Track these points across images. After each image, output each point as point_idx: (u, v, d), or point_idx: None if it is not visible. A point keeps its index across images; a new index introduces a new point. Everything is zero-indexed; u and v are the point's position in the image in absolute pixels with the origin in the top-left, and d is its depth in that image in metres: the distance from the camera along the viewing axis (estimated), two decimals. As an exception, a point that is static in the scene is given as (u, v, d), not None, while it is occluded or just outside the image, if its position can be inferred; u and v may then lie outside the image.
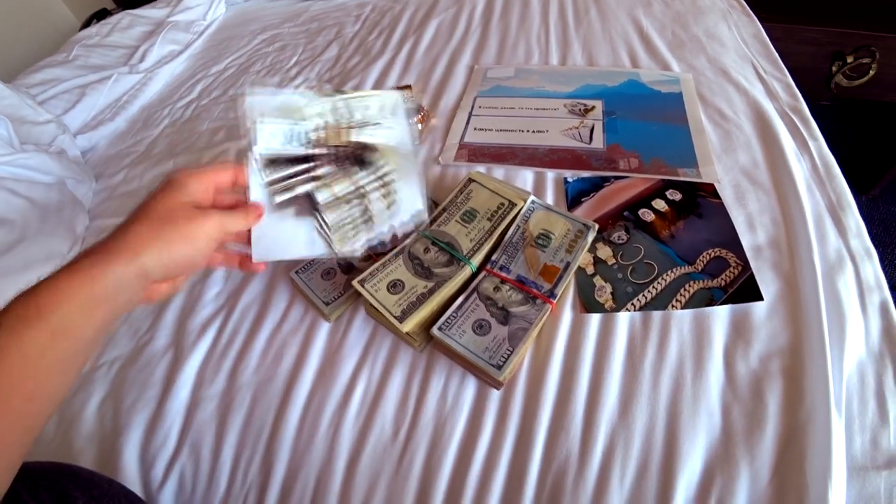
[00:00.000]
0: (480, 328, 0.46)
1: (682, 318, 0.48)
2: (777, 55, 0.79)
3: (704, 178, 0.60)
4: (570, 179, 0.63)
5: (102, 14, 1.44)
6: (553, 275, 0.50)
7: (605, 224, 0.57)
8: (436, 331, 0.46)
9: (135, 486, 0.47)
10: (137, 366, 0.55)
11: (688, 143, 0.65)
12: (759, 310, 0.47)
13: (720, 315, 0.48)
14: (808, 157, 0.61)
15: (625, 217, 0.58)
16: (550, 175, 0.65)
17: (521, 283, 0.50)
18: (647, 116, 0.70)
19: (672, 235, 0.55)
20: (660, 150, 0.65)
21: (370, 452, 0.45)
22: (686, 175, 0.61)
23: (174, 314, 0.59)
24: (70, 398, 0.53)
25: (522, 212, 0.56)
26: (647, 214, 0.58)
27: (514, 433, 0.44)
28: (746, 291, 0.49)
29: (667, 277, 0.51)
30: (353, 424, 0.47)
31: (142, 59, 1.05)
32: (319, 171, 0.47)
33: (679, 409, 0.43)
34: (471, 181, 0.58)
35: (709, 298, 0.49)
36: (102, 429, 0.52)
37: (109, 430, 0.51)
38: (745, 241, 0.53)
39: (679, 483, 0.39)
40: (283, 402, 0.49)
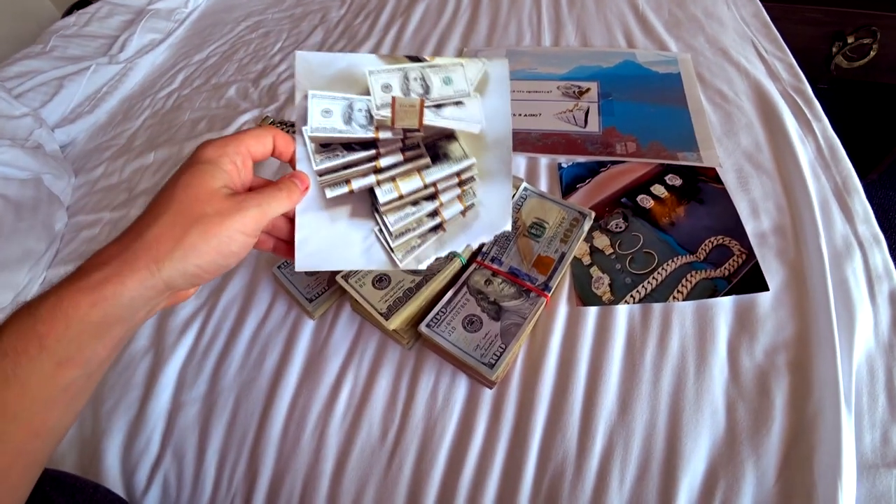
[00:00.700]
0: (471, 324, 0.44)
1: (684, 311, 0.46)
2: (778, 34, 0.77)
3: (705, 162, 0.58)
4: (565, 165, 0.61)
5: (82, 4, 1.39)
6: (547, 266, 0.48)
7: (602, 212, 0.55)
8: (424, 328, 0.44)
9: (118, 492, 0.45)
10: (117, 368, 0.53)
11: (687, 126, 0.63)
12: (764, 300, 0.46)
13: (723, 307, 0.46)
14: (813, 139, 0.59)
15: (622, 204, 0.56)
16: (544, 161, 0.62)
17: (514, 276, 0.48)
18: (645, 98, 0.68)
19: (672, 223, 0.53)
20: (658, 134, 0.62)
21: (358, 455, 0.44)
22: (686, 159, 0.59)
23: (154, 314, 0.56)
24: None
25: (515, 199, 0.53)
26: (646, 201, 0.55)
27: (508, 434, 0.42)
28: (751, 281, 0.47)
29: (667, 267, 0.49)
30: (340, 426, 0.45)
31: (121, 49, 1.01)
32: (382, 162, 0.39)
33: (681, 407, 0.41)
34: (461, 169, 0.56)
35: (711, 289, 0.47)
36: (83, 433, 0.50)
37: (90, 435, 0.49)
38: (749, 228, 0.51)
39: (681, 484, 0.38)
40: (268, 405, 0.47)
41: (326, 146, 0.39)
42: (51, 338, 0.26)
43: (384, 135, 0.39)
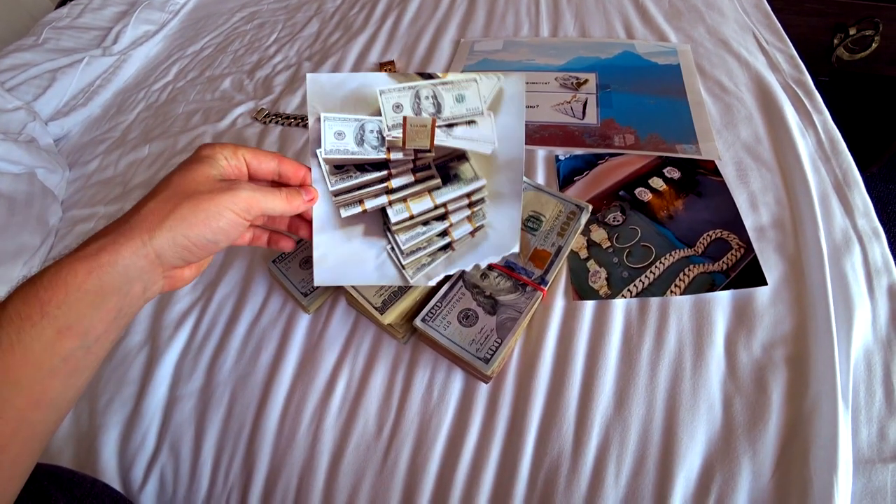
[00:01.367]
0: (467, 318, 0.44)
1: (682, 305, 0.46)
2: (779, 25, 0.76)
3: (704, 155, 0.57)
4: (562, 157, 0.60)
5: (76, -6, 1.37)
6: (544, 260, 0.48)
7: (600, 205, 0.54)
8: (419, 322, 0.44)
9: (115, 488, 0.45)
10: (113, 363, 0.52)
11: (686, 118, 0.62)
12: (763, 295, 0.45)
13: (721, 301, 0.45)
14: (813, 132, 0.58)
15: (620, 197, 0.55)
16: (541, 153, 0.62)
17: (510, 270, 0.47)
18: (644, 90, 0.67)
19: (670, 216, 0.52)
20: (657, 126, 0.62)
21: (353, 450, 0.43)
22: (685, 152, 0.58)
23: (149, 307, 0.56)
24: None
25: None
26: (644, 194, 0.55)
27: (504, 429, 0.42)
28: (749, 275, 0.46)
29: (665, 261, 0.49)
30: (336, 421, 0.45)
31: (115, 41, 1.00)
32: (394, 183, 0.40)
33: (678, 402, 0.41)
34: (457, 162, 0.55)
35: (709, 283, 0.46)
36: (79, 428, 0.50)
37: (86, 430, 0.49)
38: (748, 222, 0.51)
39: (677, 479, 0.37)
40: (263, 399, 0.47)
41: (340, 167, 0.39)
42: (52, 304, 0.27)
43: (396, 156, 0.40)
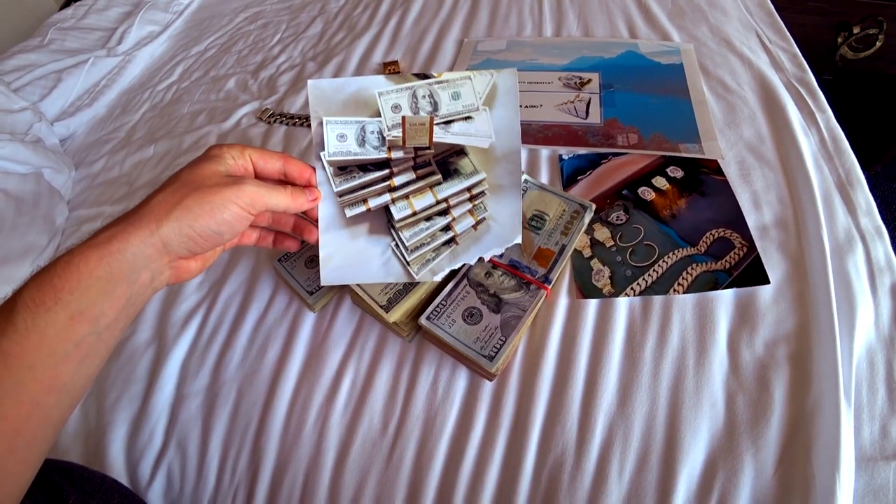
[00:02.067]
0: (471, 317, 0.44)
1: (685, 303, 0.46)
2: (782, 24, 0.76)
3: (707, 154, 0.58)
4: (566, 157, 0.61)
5: (80, -5, 1.38)
6: (548, 258, 0.48)
7: (603, 204, 0.55)
8: (424, 320, 0.44)
9: (123, 483, 0.46)
10: (120, 361, 0.53)
11: (689, 117, 0.62)
12: (765, 293, 0.45)
13: (724, 299, 0.45)
14: (816, 131, 0.58)
15: (623, 196, 0.55)
16: (545, 152, 0.62)
17: (514, 268, 0.47)
18: (647, 89, 0.67)
19: (673, 215, 0.53)
20: (660, 125, 0.62)
21: (359, 447, 0.44)
22: (688, 151, 0.58)
23: (156, 305, 0.57)
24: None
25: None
26: (647, 193, 0.55)
27: (508, 426, 0.43)
28: (752, 274, 0.46)
29: (668, 260, 0.49)
30: (341, 418, 0.45)
31: (120, 42, 1.01)
32: (396, 181, 0.41)
33: (681, 399, 0.41)
34: (461, 162, 0.55)
35: (712, 282, 0.46)
36: (87, 426, 0.50)
37: (94, 428, 0.50)
38: (751, 221, 0.51)
39: (680, 476, 0.38)
40: (269, 397, 0.47)
41: (344, 169, 0.41)
42: (65, 291, 0.28)
43: (396, 154, 0.41)
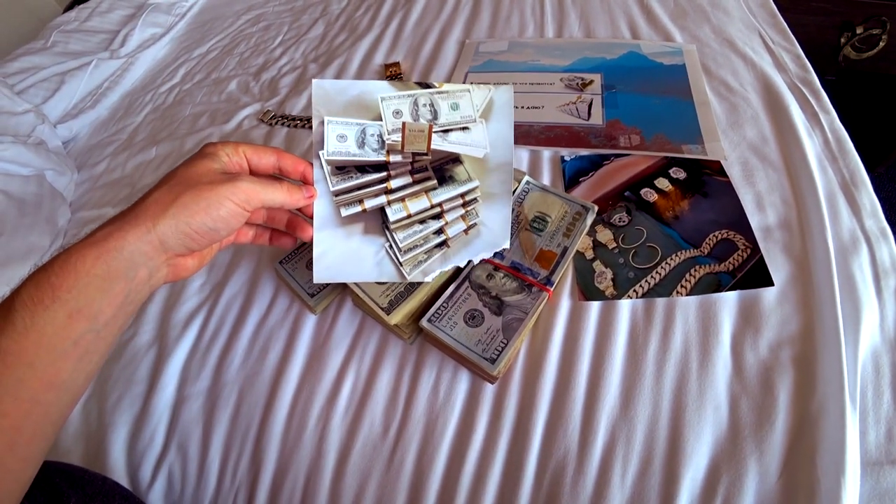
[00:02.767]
0: (473, 319, 0.44)
1: (688, 305, 0.45)
2: (785, 25, 0.75)
3: (710, 155, 0.57)
4: (568, 158, 0.60)
5: (83, -1, 1.39)
6: (550, 260, 0.48)
7: (605, 205, 0.54)
8: (425, 323, 0.44)
9: (123, 486, 0.46)
10: (121, 362, 0.53)
11: (692, 118, 0.62)
12: (769, 295, 0.45)
13: (728, 301, 0.45)
14: (820, 132, 0.58)
15: (626, 197, 0.55)
16: (546, 154, 0.62)
17: (516, 270, 0.47)
18: (649, 90, 0.67)
19: (676, 216, 0.52)
20: (662, 126, 0.62)
21: (360, 449, 0.44)
22: (690, 152, 0.58)
23: (158, 307, 0.57)
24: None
25: (517, 193, 0.53)
26: (650, 194, 0.55)
27: (510, 429, 0.42)
28: (755, 276, 0.46)
29: (671, 262, 0.49)
30: (342, 420, 0.45)
31: (122, 44, 1.01)
32: (393, 184, 0.42)
33: (684, 402, 0.40)
34: (462, 163, 0.55)
35: (716, 284, 0.46)
36: (88, 427, 0.50)
37: (95, 429, 0.50)
38: (754, 222, 0.50)
39: (683, 480, 0.37)
40: (270, 399, 0.47)
41: (342, 169, 0.41)
42: (62, 289, 0.28)
43: (395, 158, 0.42)
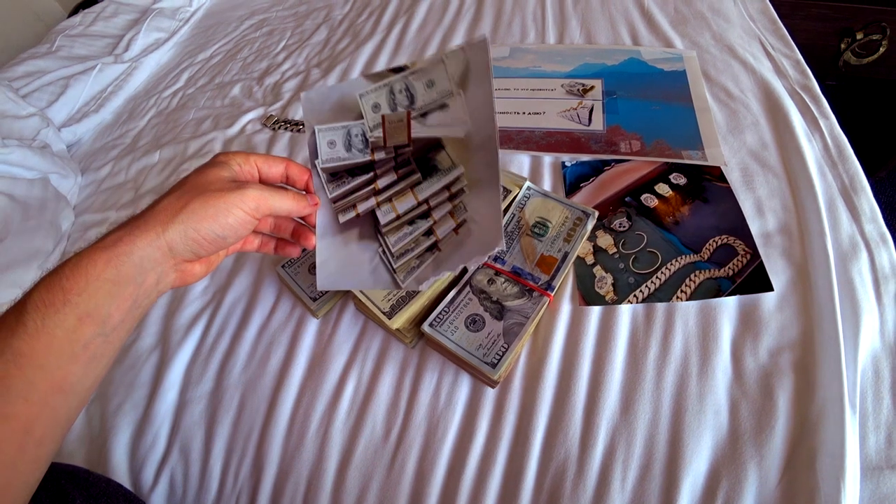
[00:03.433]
0: (474, 323, 0.44)
1: (688, 310, 0.46)
2: (785, 31, 0.76)
3: (710, 161, 0.58)
4: (569, 164, 0.61)
5: (88, 4, 1.40)
6: (550, 265, 0.48)
7: (606, 210, 0.55)
8: (427, 327, 0.44)
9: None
10: (124, 366, 0.53)
11: (692, 124, 0.62)
12: (769, 300, 0.45)
13: (727, 306, 0.45)
14: (820, 137, 0.58)
15: (626, 203, 0.55)
16: (547, 159, 0.62)
17: (517, 275, 0.47)
18: (649, 96, 0.67)
19: (676, 222, 0.53)
20: (663, 132, 0.62)
21: (361, 453, 0.44)
22: (691, 157, 0.58)
23: (160, 311, 0.57)
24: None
25: (518, 199, 0.53)
26: (650, 200, 0.55)
27: (511, 433, 0.42)
28: (755, 281, 0.46)
29: (671, 267, 0.49)
30: (344, 424, 0.45)
31: (127, 49, 1.02)
32: (380, 183, 0.41)
33: (684, 407, 0.41)
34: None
35: (716, 289, 0.46)
36: (91, 431, 0.51)
37: (98, 433, 0.50)
38: (754, 228, 0.51)
39: (684, 484, 0.37)
40: (272, 403, 0.47)
41: (336, 175, 0.41)
42: (73, 292, 0.28)
43: (379, 155, 0.41)
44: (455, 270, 0.42)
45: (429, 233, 0.42)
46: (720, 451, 0.39)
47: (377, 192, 0.42)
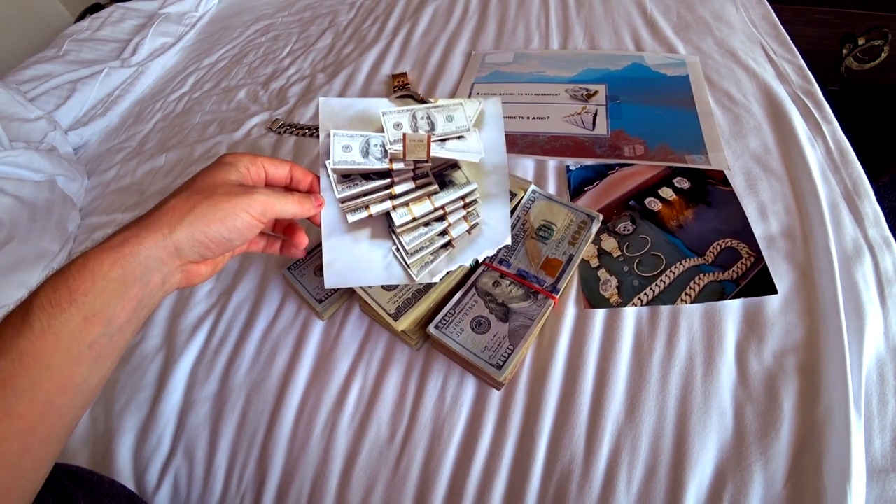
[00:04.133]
0: (479, 326, 0.45)
1: (692, 313, 0.46)
2: (787, 37, 0.76)
3: (713, 165, 0.58)
4: (573, 168, 0.61)
5: (95, 9, 1.41)
6: (555, 268, 0.48)
7: (610, 214, 0.55)
8: (432, 329, 0.44)
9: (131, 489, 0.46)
10: (129, 367, 0.53)
11: (695, 129, 0.62)
12: (773, 303, 0.45)
13: (732, 309, 0.45)
14: (822, 142, 0.58)
15: (630, 206, 0.56)
16: (552, 163, 0.62)
17: (522, 278, 0.48)
18: (653, 101, 0.67)
19: (680, 225, 0.53)
20: (666, 136, 0.62)
21: (366, 455, 0.44)
22: (694, 162, 0.59)
23: (165, 312, 0.57)
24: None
25: (523, 202, 0.53)
26: (654, 203, 0.55)
27: (516, 435, 0.42)
28: (759, 284, 0.46)
29: (675, 270, 0.49)
30: (349, 426, 0.45)
31: (133, 53, 1.03)
32: (397, 189, 0.44)
33: (689, 410, 0.41)
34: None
35: (720, 292, 0.46)
36: (95, 431, 0.51)
37: (102, 433, 0.50)
38: (758, 231, 0.51)
39: (689, 487, 0.37)
40: (277, 404, 0.47)
41: (347, 177, 0.43)
42: (80, 292, 0.29)
43: (398, 165, 0.44)
44: (467, 263, 0.45)
45: (443, 233, 0.45)
46: (725, 454, 0.39)
47: (393, 197, 0.44)
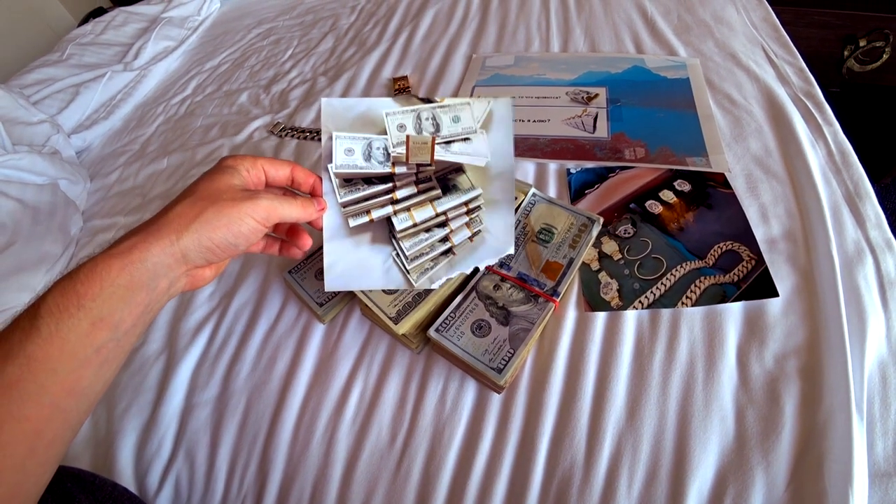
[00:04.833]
0: (480, 329, 0.45)
1: (693, 316, 0.46)
2: (788, 38, 0.76)
3: (714, 168, 0.58)
4: (574, 171, 0.61)
5: (98, 13, 1.42)
6: (556, 272, 0.48)
7: (611, 217, 0.55)
8: (433, 332, 0.44)
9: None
10: (130, 370, 0.54)
11: (696, 131, 0.62)
12: (774, 306, 0.45)
13: (733, 312, 0.45)
14: (824, 144, 0.58)
15: (631, 209, 0.56)
16: (552, 166, 0.62)
17: (523, 281, 0.48)
18: (653, 103, 0.67)
19: (681, 228, 0.53)
20: (667, 139, 0.62)
21: (367, 459, 0.44)
22: (695, 164, 0.59)
23: (167, 316, 0.57)
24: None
25: (523, 205, 0.54)
26: (655, 206, 0.55)
27: (517, 439, 0.42)
28: (760, 287, 0.46)
29: (676, 273, 0.49)
30: (350, 429, 0.45)
31: (136, 57, 1.04)
32: (399, 194, 0.43)
33: (690, 413, 0.40)
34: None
35: (721, 295, 0.46)
36: (97, 434, 0.51)
37: (104, 436, 0.50)
38: (759, 234, 0.51)
39: (690, 491, 0.37)
40: (278, 408, 0.47)
41: (349, 181, 0.43)
42: (88, 297, 0.29)
43: (400, 170, 0.43)
44: (467, 271, 0.44)
45: (444, 239, 0.45)
46: (727, 457, 0.39)
47: (395, 202, 0.43)
